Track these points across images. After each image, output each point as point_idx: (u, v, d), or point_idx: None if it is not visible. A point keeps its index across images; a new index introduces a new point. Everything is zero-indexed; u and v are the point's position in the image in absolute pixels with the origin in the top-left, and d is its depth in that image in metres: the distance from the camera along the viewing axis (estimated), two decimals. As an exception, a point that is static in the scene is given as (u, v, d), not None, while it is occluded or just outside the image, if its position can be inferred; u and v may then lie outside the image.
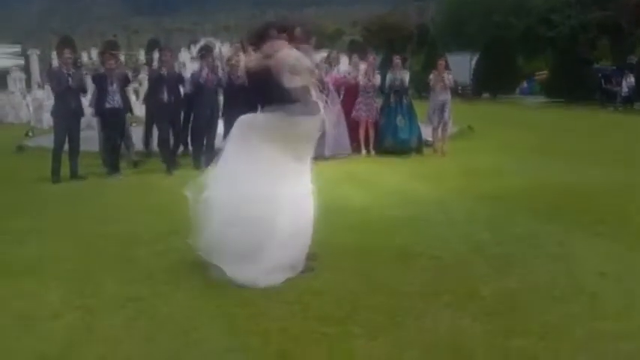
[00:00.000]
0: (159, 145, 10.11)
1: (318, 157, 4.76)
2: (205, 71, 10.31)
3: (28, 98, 24.08)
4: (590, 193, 7.64)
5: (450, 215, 6.56)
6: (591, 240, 5.51)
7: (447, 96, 11.69)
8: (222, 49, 12.47)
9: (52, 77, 9.64)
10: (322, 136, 10.37)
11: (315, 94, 4.70)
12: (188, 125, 10.85)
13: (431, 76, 11.89)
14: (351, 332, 3.59)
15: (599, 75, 27.11)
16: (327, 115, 4.94)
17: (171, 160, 9.97)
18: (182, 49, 14.72)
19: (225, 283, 4.39)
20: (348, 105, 11.56)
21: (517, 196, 7.51)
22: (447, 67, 11.96)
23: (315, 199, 4.73)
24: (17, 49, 29.75)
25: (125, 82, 10.24)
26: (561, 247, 5.26)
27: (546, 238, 5.55)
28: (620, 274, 4.54)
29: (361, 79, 11.56)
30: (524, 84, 35.94)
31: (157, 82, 10.05)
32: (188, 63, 11.13)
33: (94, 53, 20.60)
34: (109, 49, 12.89)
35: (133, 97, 14.42)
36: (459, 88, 28.11)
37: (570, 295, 4.13)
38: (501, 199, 7.33)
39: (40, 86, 23.32)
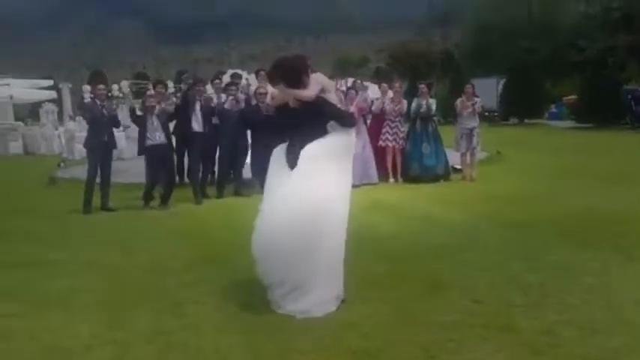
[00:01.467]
0: (189, 175, 10.16)
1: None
2: (228, 101, 10.36)
3: (60, 130, 24.65)
4: (623, 217, 7.47)
5: (482, 242, 6.45)
6: (628, 266, 5.37)
7: (475, 122, 11.62)
8: (249, 79, 12.61)
9: (86, 110, 9.72)
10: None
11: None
12: (215, 155, 10.93)
13: (457, 102, 11.82)
14: (384, 366, 3.52)
15: (629, 97, 26.79)
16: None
17: (200, 190, 10.02)
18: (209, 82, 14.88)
19: (256, 315, 4.37)
20: (374, 132, 11.56)
21: (549, 221, 7.38)
22: (474, 94, 11.86)
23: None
24: (50, 82, 30.54)
25: (170, 117, 9.82)
26: (597, 276, 5.11)
27: (581, 266, 5.41)
28: (661, 303, 4.39)
29: (388, 105, 11.56)
30: (553, 108, 35.63)
31: (188, 113, 10.10)
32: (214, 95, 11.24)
33: (125, 85, 21.00)
34: (140, 79, 13.03)
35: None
36: (486, 112, 28.01)
37: (610, 326, 3.99)
38: (533, 225, 7.21)
39: (72, 118, 23.86)
